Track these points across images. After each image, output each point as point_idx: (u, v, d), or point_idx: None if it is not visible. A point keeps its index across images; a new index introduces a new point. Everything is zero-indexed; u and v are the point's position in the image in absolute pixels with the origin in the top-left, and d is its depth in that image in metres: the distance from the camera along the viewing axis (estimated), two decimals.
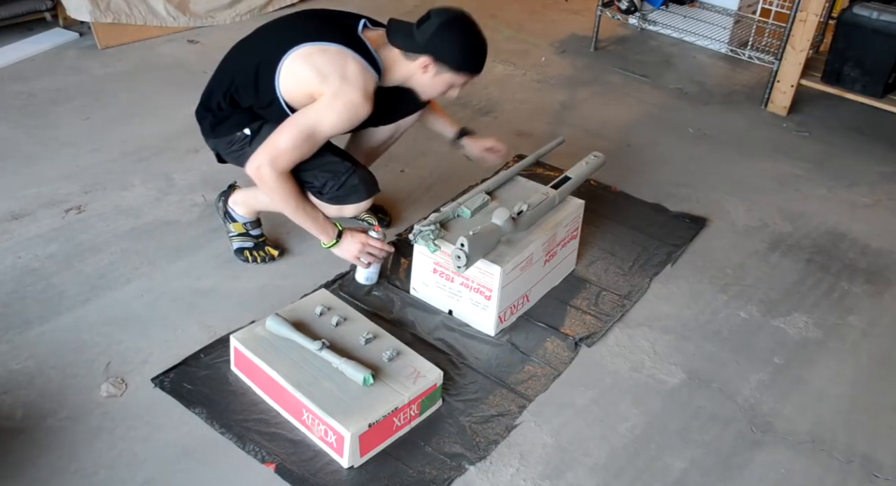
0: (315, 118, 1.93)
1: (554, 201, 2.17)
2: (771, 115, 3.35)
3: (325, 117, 1.93)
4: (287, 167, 1.98)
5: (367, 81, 1.93)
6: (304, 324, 1.92)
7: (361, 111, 1.94)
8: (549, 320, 2.15)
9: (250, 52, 2.05)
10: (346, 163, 2.08)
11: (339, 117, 1.93)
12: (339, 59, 1.91)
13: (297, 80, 1.94)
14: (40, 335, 2.01)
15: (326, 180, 2.05)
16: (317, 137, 1.96)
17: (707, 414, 1.91)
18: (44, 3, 3.54)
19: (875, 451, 1.84)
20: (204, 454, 1.73)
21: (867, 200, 2.79)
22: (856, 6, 3.00)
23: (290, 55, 1.93)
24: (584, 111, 3.29)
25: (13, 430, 1.76)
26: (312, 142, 1.96)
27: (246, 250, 2.29)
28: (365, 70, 1.93)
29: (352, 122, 1.95)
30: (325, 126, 1.94)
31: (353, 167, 2.08)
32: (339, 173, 2.05)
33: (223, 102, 2.06)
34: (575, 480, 1.73)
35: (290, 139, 1.94)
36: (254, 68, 1.98)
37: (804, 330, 2.19)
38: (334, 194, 2.07)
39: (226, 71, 2.08)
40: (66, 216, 2.45)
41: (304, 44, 1.92)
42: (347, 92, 1.90)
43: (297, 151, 1.96)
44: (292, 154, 1.96)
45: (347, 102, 1.91)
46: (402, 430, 1.79)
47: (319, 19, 2.03)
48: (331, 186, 2.05)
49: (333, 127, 1.95)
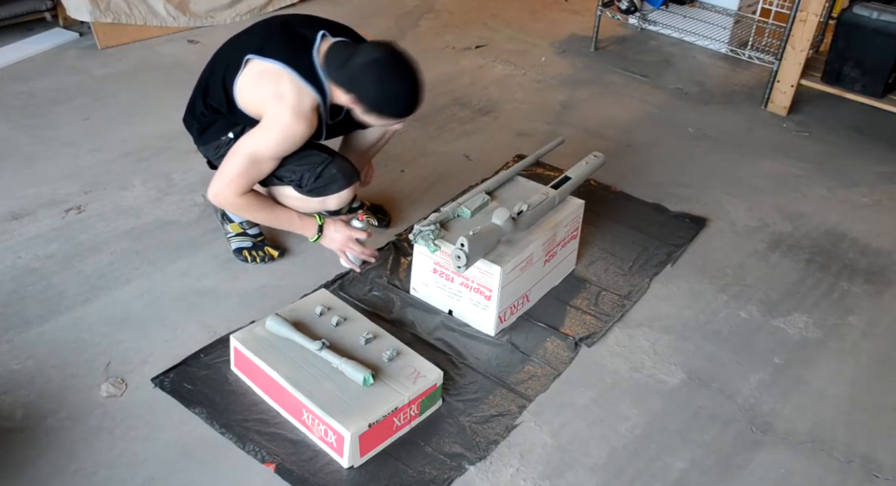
0: (254, 144, 1.96)
1: (554, 201, 2.17)
2: (771, 115, 3.35)
3: (262, 142, 1.95)
4: (243, 190, 2.02)
5: (301, 100, 1.91)
6: (304, 324, 1.92)
7: (297, 132, 1.93)
8: (549, 320, 2.15)
9: (219, 62, 2.07)
10: (323, 154, 2.08)
11: (275, 141, 1.94)
12: (276, 78, 1.92)
13: (246, 97, 1.98)
14: (40, 335, 2.01)
15: (303, 172, 2.05)
16: (261, 161, 1.98)
17: (707, 414, 1.91)
18: (44, 3, 3.54)
19: (875, 451, 1.84)
20: (204, 454, 1.73)
21: (867, 200, 2.79)
22: (856, 6, 3.00)
23: (244, 71, 1.96)
24: (584, 111, 3.29)
25: (13, 430, 1.76)
26: (259, 166, 1.99)
27: (245, 250, 2.29)
28: (300, 90, 1.91)
29: (290, 142, 1.96)
30: (264, 150, 1.96)
31: (329, 158, 2.08)
32: (315, 165, 2.05)
33: (205, 110, 2.09)
34: (575, 480, 1.73)
35: (236, 167, 1.98)
36: (220, 78, 2.02)
37: (804, 330, 2.19)
38: (313, 186, 2.07)
39: (203, 80, 2.11)
40: (66, 216, 2.45)
41: (255, 58, 1.94)
42: (280, 115, 1.91)
43: (245, 176, 2.00)
44: (242, 179, 2.00)
45: (280, 125, 1.92)
46: (402, 430, 1.79)
47: (280, 31, 2.01)
48: (308, 177, 2.05)
49: (272, 150, 1.97)
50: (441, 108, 3.19)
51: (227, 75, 2.00)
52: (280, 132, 1.93)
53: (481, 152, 2.92)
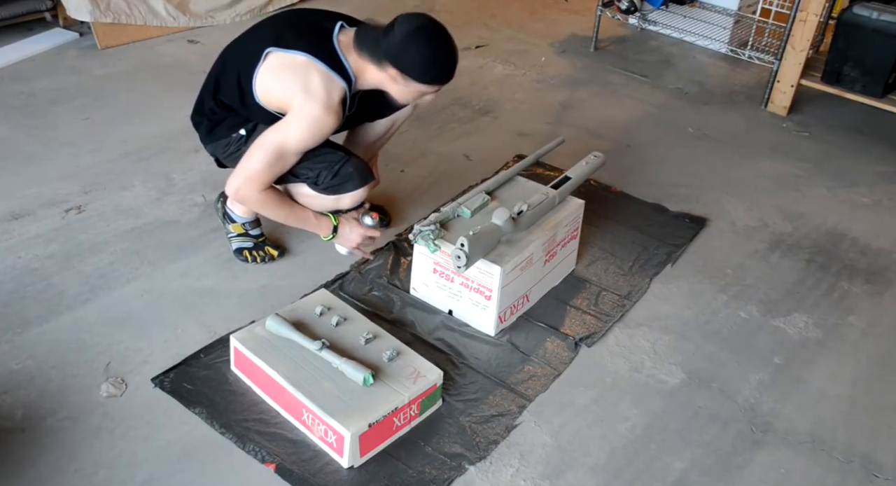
0: (281, 137, 1.95)
1: (554, 201, 2.17)
2: (771, 115, 3.35)
3: (291, 135, 1.95)
4: (265, 185, 2.01)
5: (330, 92, 1.91)
6: (304, 324, 1.92)
7: (326, 125, 1.93)
8: (549, 320, 2.15)
9: (232, 57, 2.07)
10: (339, 153, 2.09)
11: (303, 134, 1.94)
12: (302, 70, 1.91)
13: (268, 91, 1.97)
14: (40, 335, 2.01)
15: (320, 171, 2.05)
16: (287, 155, 1.97)
17: (707, 414, 1.91)
18: (44, 3, 3.54)
19: (875, 451, 1.84)
20: (204, 454, 1.73)
21: (867, 200, 2.79)
22: (856, 6, 3.00)
23: (263, 64, 1.94)
24: (584, 111, 3.29)
25: (13, 430, 1.76)
26: (284, 160, 1.99)
27: (245, 250, 2.29)
28: (330, 81, 1.91)
29: (319, 135, 1.96)
30: (292, 144, 1.96)
31: (346, 156, 2.08)
32: (332, 163, 2.05)
33: (215, 107, 2.08)
34: (575, 480, 1.73)
35: (262, 161, 1.97)
36: (236, 75, 2.01)
37: (804, 330, 2.19)
38: (329, 184, 2.07)
39: (213, 77, 2.10)
40: (66, 216, 2.45)
41: (276, 50, 1.93)
42: (310, 108, 1.91)
43: (270, 171, 1.99)
44: (266, 174, 1.99)
45: (310, 118, 1.92)
46: (402, 430, 1.79)
47: (295, 23, 2.02)
48: (325, 175, 2.06)
49: (300, 144, 1.96)
50: (441, 108, 3.19)
51: (243, 69, 1.98)
52: (309, 125, 1.92)
53: (481, 152, 2.92)
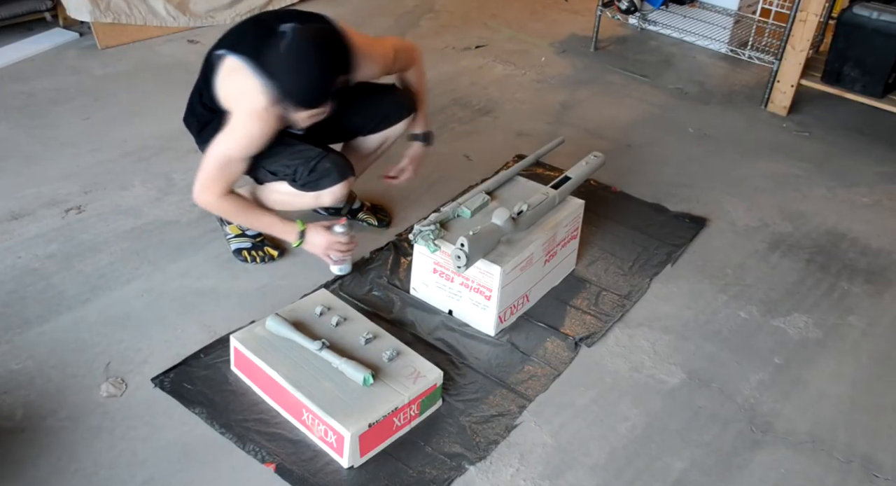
0: (222, 145, 1.96)
1: (554, 201, 2.17)
2: (771, 115, 3.35)
3: (228, 143, 1.95)
4: (224, 191, 2.01)
5: (254, 98, 1.87)
6: (304, 324, 1.92)
7: (254, 130, 1.92)
8: (549, 320, 2.15)
9: (209, 58, 2.06)
10: (317, 149, 2.07)
11: (236, 141, 1.94)
12: (233, 76, 1.91)
13: (220, 95, 1.99)
14: (40, 335, 2.01)
15: (297, 166, 2.05)
16: (232, 161, 1.98)
17: (707, 414, 1.91)
18: (44, 3, 3.54)
19: (875, 451, 1.84)
20: (204, 454, 1.73)
21: (867, 200, 2.79)
22: (856, 6, 3.00)
23: (220, 68, 1.95)
24: (584, 111, 3.28)
25: (13, 430, 1.76)
26: (232, 167, 1.99)
27: (244, 251, 2.29)
28: (254, 86, 1.86)
29: (252, 141, 1.94)
30: (233, 151, 1.96)
31: (323, 152, 2.07)
32: (309, 159, 2.05)
33: (202, 109, 2.09)
34: (575, 480, 1.73)
35: (212, 168, 1.98)
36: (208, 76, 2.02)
37: (804, 330, 2.19)
38: (307, 180, 2.06)
39: (200, 79, 2.10)
40: (66, 216, 2.45)
41: (227, 54, 1.94)
42: (237, 114, 1.92)
43: (222, 179, 1.99)
44: (219, 181, 1.99)
45: (238, 125, 1.93)
46: (402, 430, 1.79)
47: (256, 25, 2.01)
48: (302, 171, 2.05)
49: (240, 149, 1.96)
50: (441, 108, 3.19)
51: (209, 73, 2.00)
52: (240, 131, 1.93)
53: (481, 152, 2.92)
